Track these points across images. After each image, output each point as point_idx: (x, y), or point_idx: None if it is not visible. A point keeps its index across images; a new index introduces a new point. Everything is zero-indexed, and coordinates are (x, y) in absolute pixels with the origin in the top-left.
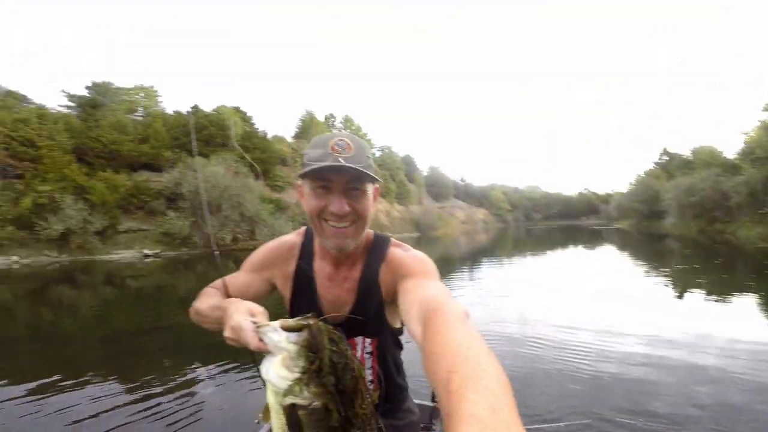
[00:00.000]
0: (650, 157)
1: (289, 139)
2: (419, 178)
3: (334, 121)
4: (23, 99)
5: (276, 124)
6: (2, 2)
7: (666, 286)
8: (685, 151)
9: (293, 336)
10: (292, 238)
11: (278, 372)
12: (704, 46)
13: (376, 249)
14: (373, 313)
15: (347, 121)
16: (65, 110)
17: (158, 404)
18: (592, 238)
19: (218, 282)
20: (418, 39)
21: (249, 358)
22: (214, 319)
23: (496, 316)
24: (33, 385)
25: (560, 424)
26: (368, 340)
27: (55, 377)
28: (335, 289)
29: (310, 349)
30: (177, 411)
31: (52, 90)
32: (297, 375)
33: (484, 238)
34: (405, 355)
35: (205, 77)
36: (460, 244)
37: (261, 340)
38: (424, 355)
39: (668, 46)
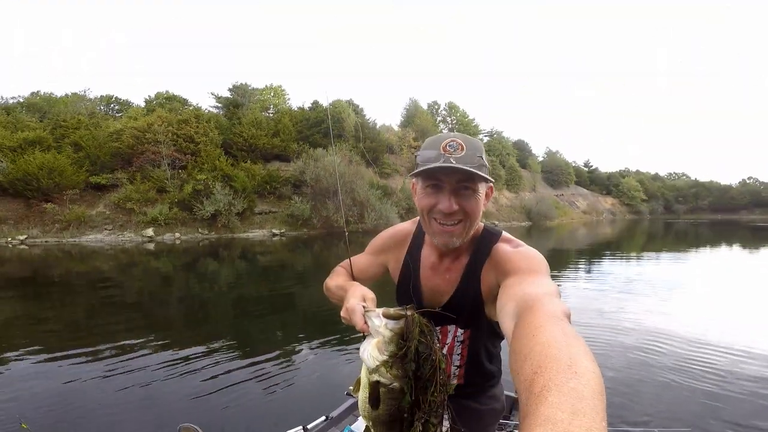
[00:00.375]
0: None
1: (396, 128)
2: (534, 163)
3: (438, 109)
4: (184, 102)
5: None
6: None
7: None
8: None
9: (391, 323)
10: (407, 226)
11: (371, 352)
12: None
13: (484, 243)
14: (469, 306)
15: (452, 108)
16: (214, 110)
17: (262, 363)
18: (755, 236)
19: (346, 262)
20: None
21: (348, 336)
22: (337, 297)
23: (612, 314)
24: (171, 339)
25: (654, 430)
26: (461, 330)
27: (191, 334)
28: (436, 278)
29: (402, 337)
30: (278, 372)
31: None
32: (385, 357)
33: (609, 231)
34: (504, 344)
35: (210, 78)
36: (578, 236)
37: (366, 322)
38: (511, 354)
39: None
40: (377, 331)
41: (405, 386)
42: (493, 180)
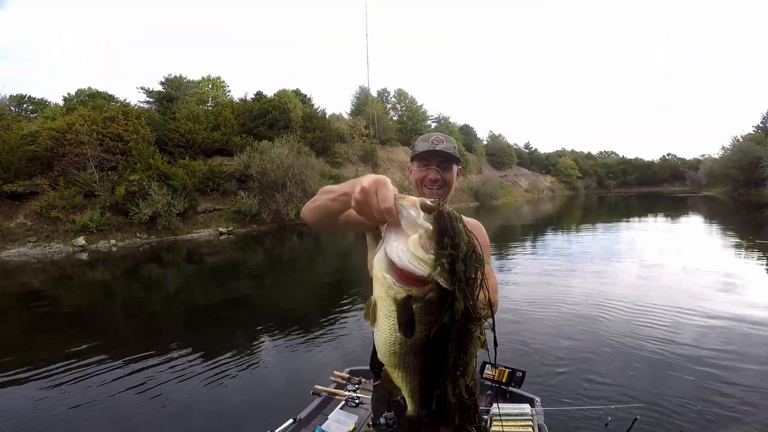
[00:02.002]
0: (749, 120)
1: (346, 116)
2: (479, 146)
3: (388, 96)
4: (110, 98)
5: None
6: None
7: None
8: None
9: (428, 216)
10: None
11: (415, 251)
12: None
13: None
14: None
15: (401, 95)
16: (145, 105)
17: (221, 367)
18: (675, 206)
19: None
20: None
21: (306, 329)
22: (340, 192)
23: (559, 288)
24: (124, 351)
25: (611, 406)
26: None
27: (143, 345)
28: None
29: (443, 233)
30: (238, 375)
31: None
32: (432, 256)
33: (550, 207)
34: None
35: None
36: (521, 214)
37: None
38: None
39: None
40: (416, 224)
41: (458, 291)
42: (461, 163)
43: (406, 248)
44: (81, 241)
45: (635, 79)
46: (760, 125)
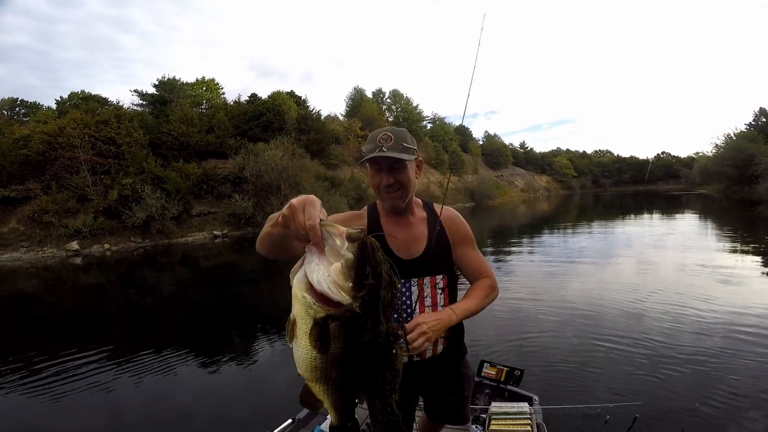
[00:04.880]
0: (742, 118)
1: (341, 118)
2: (475, 147)
3: (383, 97)
4: (104, 102)
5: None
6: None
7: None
8: None
9: (350, 245)
10: (357, 212)
11: (335, 278)
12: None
13: (428, 206)
14: (444, 251)
15: (396, 96)
16: (138, 108)
17: (218, 368)
18: (669, 204)
19: None
20: None
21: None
22: (277, 216)
23: (556, 290)
24: (120, 355)
25: (610, 404)
26: (439, 277)
27: (139, 348)
28: (403, 233)
29: (367, 263)
30: (235, 376)
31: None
32: (350, 284)
33: (546, 206)
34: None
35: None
36: (517, 213)
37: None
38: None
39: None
40: (339, 254)
41: (381, 314)
42: (417, 156)
43: (327, 274)
44: (74, 245)
45: (631, 77)
46: (753, 123)
